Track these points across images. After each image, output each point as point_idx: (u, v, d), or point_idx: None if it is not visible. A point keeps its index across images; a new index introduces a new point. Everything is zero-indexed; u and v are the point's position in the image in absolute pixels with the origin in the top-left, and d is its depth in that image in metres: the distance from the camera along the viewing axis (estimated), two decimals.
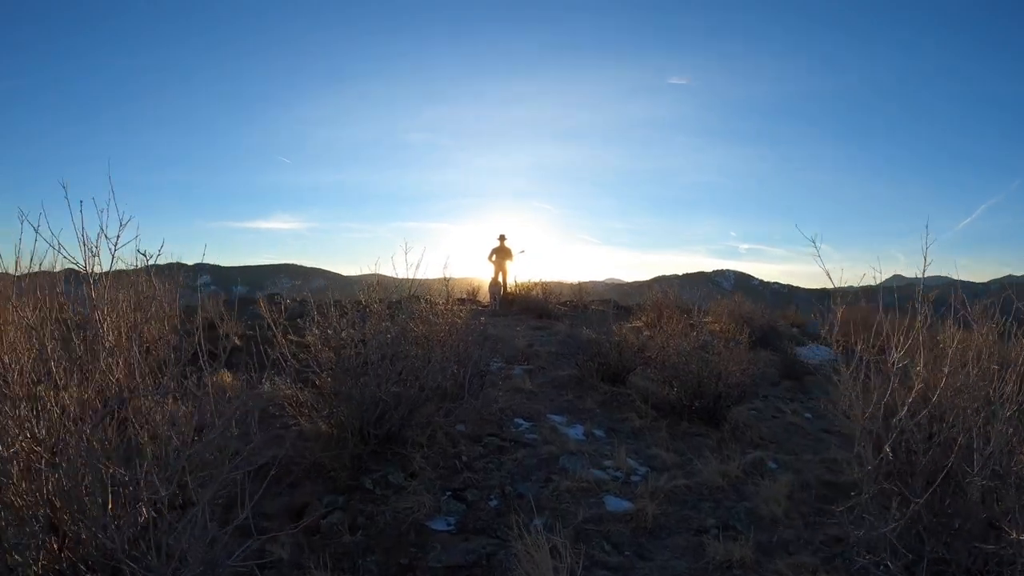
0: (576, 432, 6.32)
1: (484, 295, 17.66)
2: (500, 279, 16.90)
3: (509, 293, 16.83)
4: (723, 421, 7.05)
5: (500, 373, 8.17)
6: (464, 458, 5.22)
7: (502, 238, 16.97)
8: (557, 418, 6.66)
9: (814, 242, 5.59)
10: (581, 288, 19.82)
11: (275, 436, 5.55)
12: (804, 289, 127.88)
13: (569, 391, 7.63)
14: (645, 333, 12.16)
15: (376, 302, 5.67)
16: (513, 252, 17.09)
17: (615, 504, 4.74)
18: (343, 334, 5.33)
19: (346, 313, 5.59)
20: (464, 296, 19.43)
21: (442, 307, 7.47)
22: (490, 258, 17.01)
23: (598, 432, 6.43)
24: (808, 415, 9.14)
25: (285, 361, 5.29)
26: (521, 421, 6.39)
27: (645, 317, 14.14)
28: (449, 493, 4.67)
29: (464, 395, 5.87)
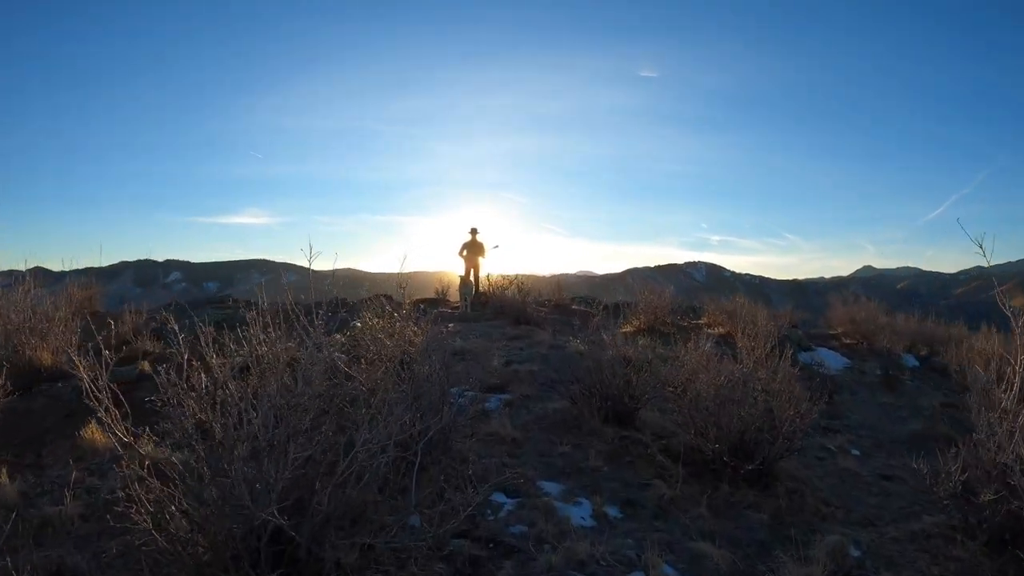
0: (582, 513, 4.37)
1: (454, 294, 15.66)
2: (471, 277, 14.91)
3: (482, 293, 14.87)
4: (775, 481, 5.17)
5: (471, 408, 6.19)
6: None
7: (473, 231, 14.99)
8: (552, 487, 4.69)
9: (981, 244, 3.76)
10: (559, 284, 17.92)
11: (135, 546, 3.52)
12: (775, 280, 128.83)
13: (563, 437, 5.67)
14: (640, 342, 10.28)
15: (274, 327, 3.64)
16: (486, 247, 15.11)
17: None
18: (222, 392, 3.30)
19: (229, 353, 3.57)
20: (433, 295, 17.45)
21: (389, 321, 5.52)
22: (460, 253, 15.02)
23: (612, 511, 4.48)
24: (855, 451, 7.34)
25: (122, 447, 3.25)
26: (502, 497, 4.42)
27: (637, 321, 12.25)
28: None
29: (418, 466, 3.88)
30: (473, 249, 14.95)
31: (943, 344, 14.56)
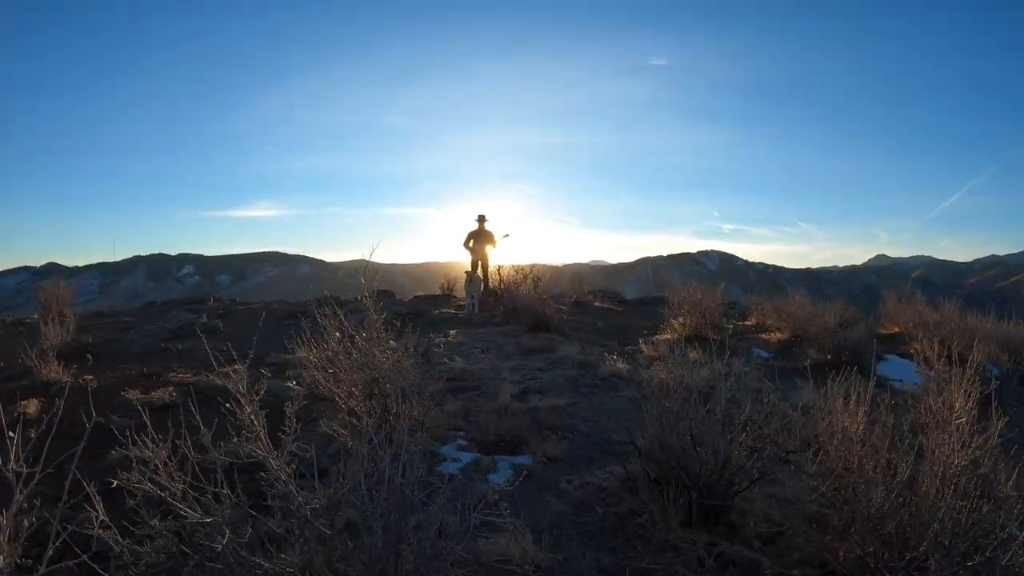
0: None
1: (461, 291, 13.23)
2: (480, 271, 12.49)
3: (491, 289, 12.47)
4: None
5: (461, 487, 3.81)
6: None
7: (481, 219, 12.53)
8: None
9: None
10: (579, 277, 15.47)
11: None
12: (789, 269, 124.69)
13: (620, 555, 3.25)
14: (691, 355, 7.81)
15: None
16: (496, 236, 12.67)
17: None
18: None
19: None
20: (438, 291, 15.09)
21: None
22: (466, 244, 12.57)
23: None
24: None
25: None
26: None
27: (681, 325, 9.75)
28: None
29: None
30: (481, 239, 12.52)
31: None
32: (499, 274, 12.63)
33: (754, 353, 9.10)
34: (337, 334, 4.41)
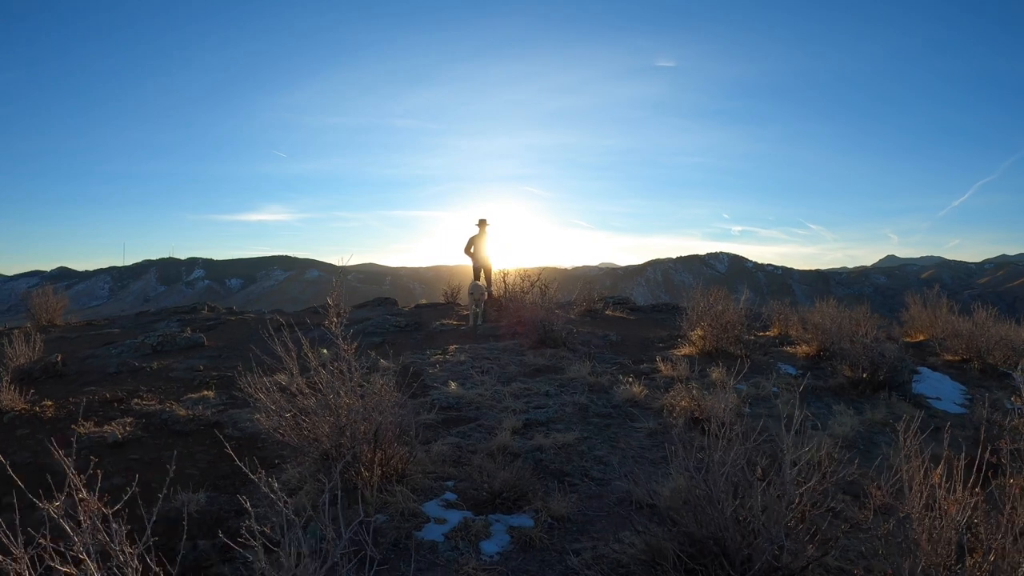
0: None
1: (465, 298, 12.43)
2: (483, 278, 11.71)
3: (494, 297, 11.69)
4: None
5: (442, 560, 3.07)
6: None
7: (482, 223, 11.76)
8: None
9: None
10: (589, 285, 14.63)
11: None
12: (798, 271, 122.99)
13: None
14: (714, 374, 7.02)
15: None
16: (496, 241, 11.89)
17: None
18: None
19: None
20: (441, 299, 14.33)
21: None
22: (467, 251, 11.78)
23: None
24: None
25: None
26: None
27: (700, 339, 8.90)
28: None
29: None
30: (482, 244, 11.74)
31: None
32: (504, 282, 11.87)
33: (781, 370, 8.29)
34: (295, 369, 3.66)
